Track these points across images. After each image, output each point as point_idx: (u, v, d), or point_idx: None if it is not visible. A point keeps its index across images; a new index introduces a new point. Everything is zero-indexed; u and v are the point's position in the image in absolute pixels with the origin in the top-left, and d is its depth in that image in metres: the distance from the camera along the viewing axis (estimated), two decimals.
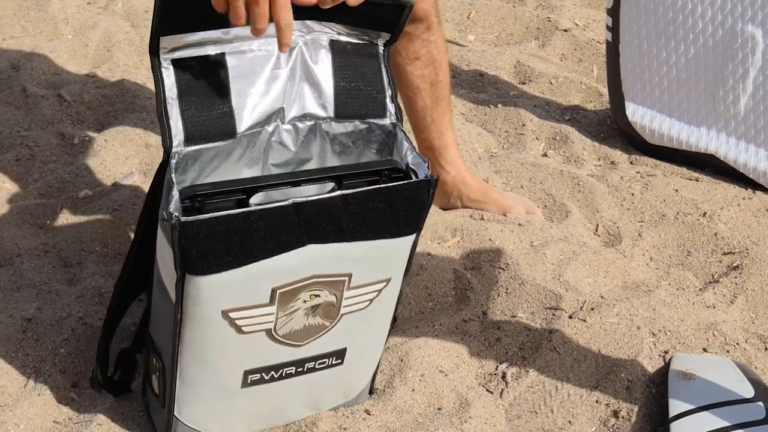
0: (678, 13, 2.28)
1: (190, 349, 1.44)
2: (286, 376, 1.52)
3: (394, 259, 1.47)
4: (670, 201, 2.24)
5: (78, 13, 2.85)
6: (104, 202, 2.14)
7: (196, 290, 1.36)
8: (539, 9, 2.99)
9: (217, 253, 1.33)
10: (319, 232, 1.37)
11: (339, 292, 1.45)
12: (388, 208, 1.39)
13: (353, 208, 1.37)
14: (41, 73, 2.59)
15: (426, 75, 2.00)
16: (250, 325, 1.42)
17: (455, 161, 2.11)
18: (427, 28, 1.96)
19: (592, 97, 2.61)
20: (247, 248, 1.34)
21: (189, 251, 1.32)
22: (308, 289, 1.42)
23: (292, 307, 1.43)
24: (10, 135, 2.36)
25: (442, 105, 2.05)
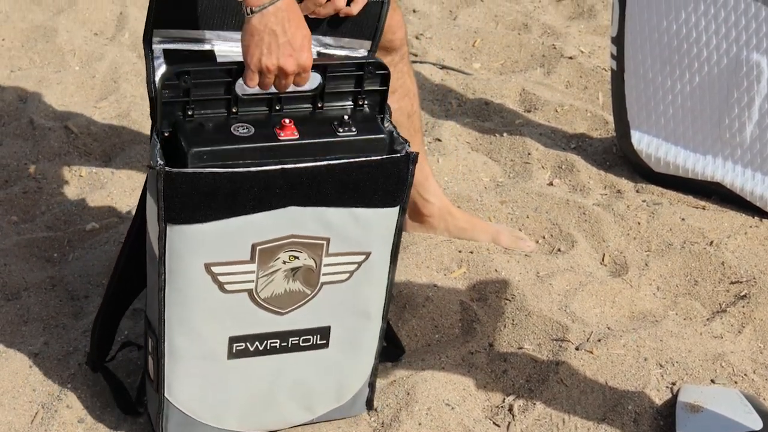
0: (683, 41, 2.29)
1: (176, 313, 1.50)
2: (270, 349, 1.56)
3: (374, 232, 1.53)
4: (676, 230, 2.24)
5: (85, 44, 2.87)
6: (111, 235, 2.15)
7: (178, 240, 1.44)
8: (544, 36, 3.00)
9: (200, 206, 1.42)
10: (302, 197, 1.46)
11: (318, 257, 1.51)
12: (368, 178, 1.48)
13: (336, 177, 1.46)
14: (48, 104, 2.60)
15: (403, 107, 2.00)
16: (232, 283, 1.49)
17: (437, 192, 2.11)
18: (401, 58, 1.96)
19: (597, 124, 2.61)
20: (230, 204, 1.43)
21: (172, 200, 1.41)
22: (287, 249, 1.49)
23: (272, 267, 1.50)
24: (17, 167, 2.37)
25: (418, 136, 2.05)
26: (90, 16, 3.01)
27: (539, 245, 2.19)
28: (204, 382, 1.58)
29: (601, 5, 3.17)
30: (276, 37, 1.40)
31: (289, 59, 1.42)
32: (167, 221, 1.43)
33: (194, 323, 1.52)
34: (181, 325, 1.52)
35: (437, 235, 2.14)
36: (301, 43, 1.42)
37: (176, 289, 1.49)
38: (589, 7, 3.18)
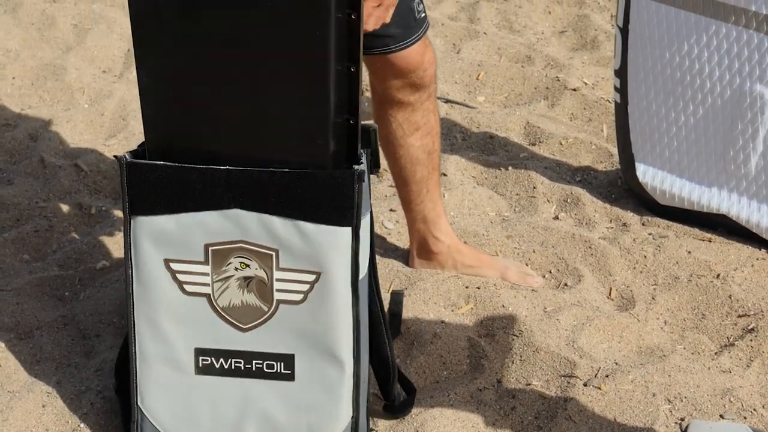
0: (686, 73, 2.31)
1: (143, 313, 1.63)
2: (236, 369, 1.64)
3: (325, 251, 1.57)
4: (683, 263, 2.25)
5: (94, 81, 2.90)
6: (121, 273, 2.17)
7: (140, 231, 1.59)
8: (548, 68, 3.03)
9: (156, 196, 1.58)
10: (245, 200, 1.56)
11: (269, 269, 1.59)
12: (311, 192, 1.55)
13: (278, 185, 1.55)
14: (58, 142, 2.63)
15: (425, 145, 2.02)
16: (190, 283, 1.61)
17: (448, 231, 2.13)
18: (428, 96, 1.99)
19: (602, 157, 2.63)
20: (180, 197, 1.58)
21: (133, 189, 1.58)
22: (237, 254, 1.59)
23: (225, 272, 1.60)
24: (29, 206, 2.40)
25: (435, 174, 2.08)
26: (98, 54, 3.05)
27: (546, 280, 2.20)
28: (174, 395, 1.66)
29: (604, 36, 3.20)
30: None
31: None
32: (131, 213, 1.60)
33: (160, 325, 1.64)
34: (148, 326, 1.64)
35: (446, 272, 2.15)
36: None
37: (142, 283, 1.63)
38: (591, 38, 3.21)
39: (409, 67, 1.92)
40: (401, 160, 2.04)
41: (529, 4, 3.44)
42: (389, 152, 2.05)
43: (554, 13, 3.39)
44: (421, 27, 1.91)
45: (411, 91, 1.95)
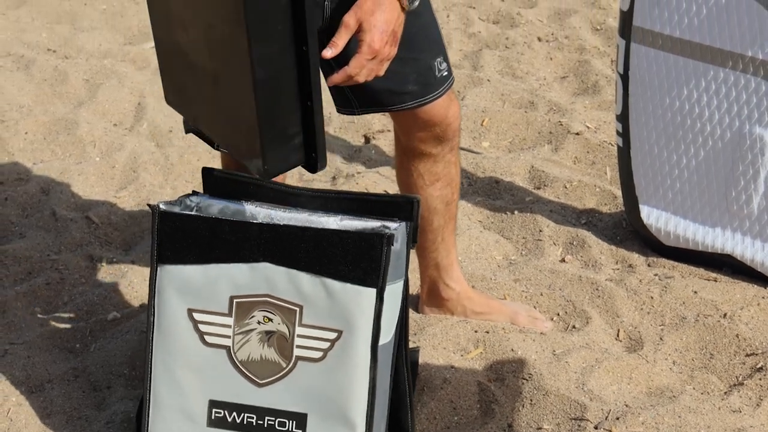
0: (686, 117, 2.34)
1: (161, 359, 1.65)
2: (247, 425, 1.63)
3: (348, 310, 1.58)
4: (689, 303, 2.26)
5: (105, 135, 2.95)
6: (132, 324, 2.19)
7: (166, 279, 1.61)
8: (551, 113, 3.06)
9: (185, 246, 1.61)
10: (275, 254, 1.58)
11: (291, 325, 1.59)
12: (340, 250, 1.57)
13: (309, 241, 1.58)
14: (70, 195, 2.67)
15: (444, 195, 2.04)
16: (211, 334, 1.62)
17: (459, 278, 2.15)
18: (451, 149, 2.01)
19: (606, 199, 2.66)
20: (210, 248, 1.60)
21: (163, 238, 1.61)
22: (262, 308, 1.60)
23: (247, 325, 1.60)
24: (40, 259, 2.43)
25: (452, 224, 2.10)
26: (109, 108, 3.10)
27: (554, 323, 2.22)
28: None
29: (605, 81, 3.24)
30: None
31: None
32: (158, 261, 1.62)
33: (177, 374, 1.65)
34: (165, 373, 1.65)
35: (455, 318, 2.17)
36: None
37: (162, 331, 1.64)
38: (593, 83, 3.25)
39: (432, 121, 1.93)
40: (424, 213, 2.04)
41: (531, 50, 3.49)
42: None
43: (555, 59, 3.44)
44: (443, 85, 1.91)
45: (434, 144, 1.97)
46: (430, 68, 1.88)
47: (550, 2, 3.87)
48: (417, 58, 1.86)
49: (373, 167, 2.83)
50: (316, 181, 2.77)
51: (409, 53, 1.84)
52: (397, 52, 1.83)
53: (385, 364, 1.64)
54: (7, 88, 3.21)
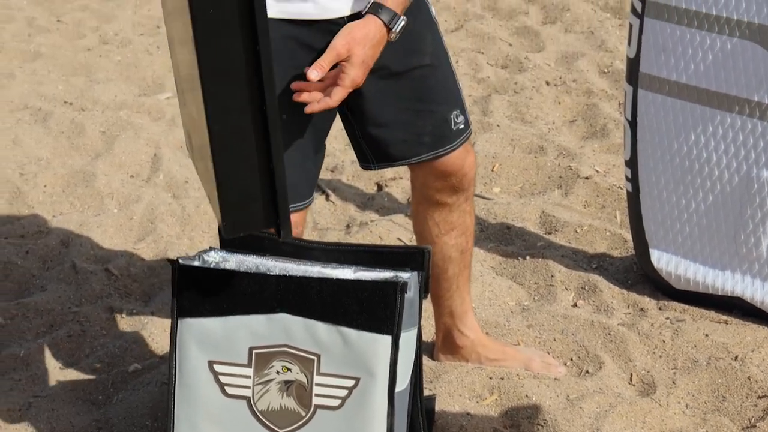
0: (694, 162, 2.38)
1: (183, 412, 1.68)
2: None
3: (365, 358, 1.62)
4: (701, 346, 2.29)
5: (122, 186, 3.01)
6: (153, 376, 2.23)
7: (186, 332, 1.65)
8: (560, 158, 3.11)
9: (205, 299, 1.64)
10: (292, 305, 1.62)
11: (309, 373, 1.63)
12: (355, 299, 1.61)
13: (325, 291, 1.61)
14: (89, 248, 2.72)
15: (459, 244, 2.08)
16: (232, 386, 1.65)
17: (473, 325, 2.19)
18: (466, 198, 2.05)
19: (617, 243, 2.69)
20: (229, 301, 1.64)
21: (183, 292, 1.64)
22: (281, 358, 1.63)
23: (267, 375, 1.64)
24: (62, 312, 2.48)
25: (467, 272, 2.14)
26: (126, 159, 3.16)
27: (568, 368, 2.25)
28: None
29: (613, 124, 3.29)
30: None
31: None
32: (179, 314, 1.65)
33: (199, 425, 1.68)
34: (187, 425, 1.68)
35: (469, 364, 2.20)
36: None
37: (184, 384, 1.67)
38: (601, 126, 3.30)
39: (447, 171, 1.96)
40: (434, 257, 2.07)
41: (539, 95, 3.54)
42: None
43: (564, 103, 3.49)
44: (459, 137, 1.94)
45: (449, 194, 2.01)
46: (446, 121, 1.91)
47: (558, 46, 3.93)
48: (433, 110, 1.89)
49: (387, 215, 2.88)
50: (330, 229, 2.82)
51: (425, 105, 1.88)
52: (413, 104, 1.87)
53: (401, 410, 1.67)
54: (26, 141, 3.28)
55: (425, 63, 1.87)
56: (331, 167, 3.11)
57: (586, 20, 4.12)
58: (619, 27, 4.04)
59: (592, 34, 4.01)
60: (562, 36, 4.03)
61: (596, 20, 4.12)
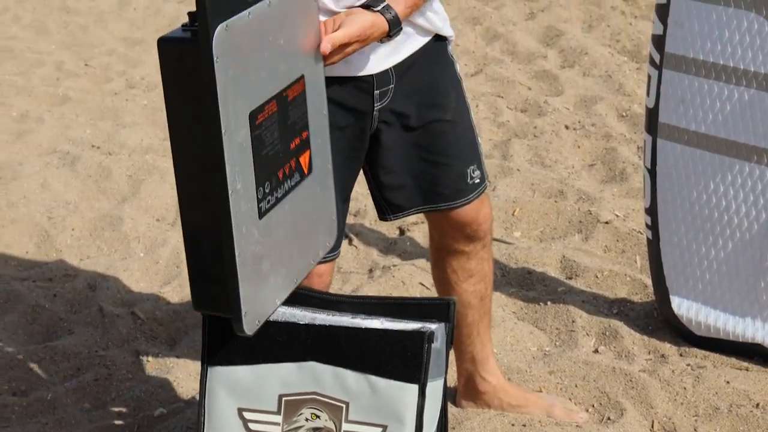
0: (714, 210, 2.40)
1: None
2: None
3: (393, 406, 1.63)
4: (722, 393, 2.30)
5: (148, 230, 3.06)
6: (178, 420, 2.26)
7: (216, 380, 1.66)
8: (580, 202, 3.14)
9: (235, 347, 1.65)
10: (321, 353, 1.64)
11: (338, 421, 1.64)
12: (384, 348, 1.63)
13: (354, 340, 1.63)
14: (116, 291, 2.77)
15: (477, 291, 2.11)
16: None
17: (495, 371, 2.20)
18: (483, 246, 2.08)
19: (637, 289, 2.71)
20: (259, 349, 1.65)
21: (213, 340, 1.65)
22: (310, 406, 1.65)
23: (296, 423, 1.65)
24: (89, 355, 2.51)
25: (487, 318, 2.17)
26: (152, 203, 3.21)
27: (589, 414, 2.27)
28: None
29: (632, 168, 3.32)
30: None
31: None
32: (209, 362, 1.67)
33: None
34: None
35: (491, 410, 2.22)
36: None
37: (213, 430, 1.68)
38: (620, 170, 3.33)
39: (463, 221, 2.01)
40: (458, 308, 2.08)
41: (559, 139, 3.58)
42: (443, 295, 2.13)
43: (583, 147, 3.53)
44: (474, 191, 1.99)
45: (466, 242, 2.05)
46: (462, 175, 1.97)
47: (576, 89, 3.98)
48: (450, 164, 1.95)
49: (409, 259, 2.91)
50: (353, 273, 2.85)
51: (442, 159, 1.94)
52: (430, 156, 1.92)
53: None
54: (54, 185, 3.34)
55: (446, 118, 1.92)
56: (354, 212, 3.15)
57: (604, 64, 4.17)
58: (636, 71, 4.08)
59: (610, 77, 4.05)
60: (581, 80, 4.08)
61: (614, 64, 4.17)
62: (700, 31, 2.28)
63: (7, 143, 3.70)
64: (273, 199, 1.58)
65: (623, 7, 4.77)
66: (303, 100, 1.65)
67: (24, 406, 2.32)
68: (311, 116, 1.67)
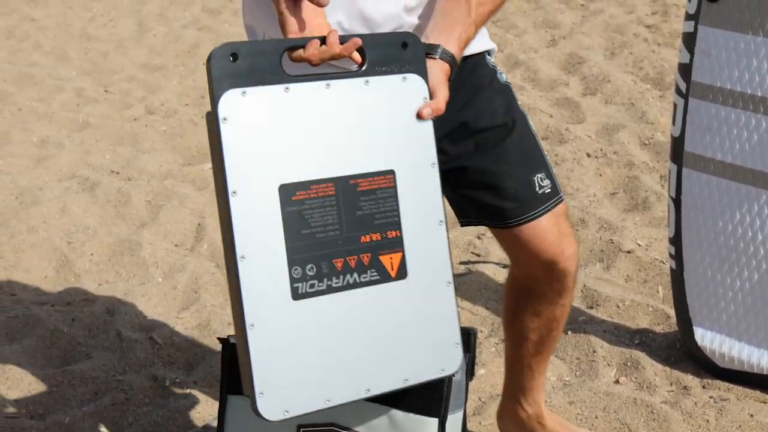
0: (739, 241, 2.38)
1: None
2: None
3: None
4: (745, 426, 2.26)
5: (167, 256, 3.05)
6: None
7: (235, 409, 1.65)
8: (601, 231, 3.12)
9: None
10: None
11: None
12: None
13: None
14: (134, 316, 2.76)
15: (538, 329, 1.99)
16: None
17: (536, 403, 2.12)
18: (559, 292, 1.91)
19: (659, 319, 2.68)
20: None
21: (232, 369, 1.60)
22: None
23: None
24: (106, 380, 2.50)
25: (543, 356, 2.04)
26: (171, 229, 3.21)
27: None
28: None
29: (655, 197, 3.29)
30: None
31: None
32: (228, 391, 1.66)
33: None
34: None
35: None
36: None
37: None
38: (642, 199, 3.30)
39: (539, 245, 1.83)
40: (509, 331, 2.02)
41: (581, 167, 3.56)
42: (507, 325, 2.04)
43: (605, 176, 3.51)
44: (546, 202, 1.82)
45: (543, 282, 1.89)
46: (529, 183, 1.81)
47: (598, 117, 3.96)
48: (510, 172, 1.80)
49: None
50: None
51: (501, 166, 1.80)
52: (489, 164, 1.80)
53: None
54: (74, 210, 3.34)
55: (497, 123, 1.81)
56: None
57: (627, 91, 4.15)
58: (659, 98, 4.07)
59: (632, 105, 4.03)
60: (603, 107, 4.06)
61: (636, 91, 4.15)
62: (727, 60, 2.27)
63: (28, 168, 3.72)
64: (322, 285, 1.47)
65: (646, 35, 4.76)
66: (390, 197, 1.51)
67: (42, 430, 2.31)
68: (409, 218, 1.52)
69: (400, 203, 1.51)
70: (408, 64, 1.53)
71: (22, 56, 5.09)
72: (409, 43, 1.53)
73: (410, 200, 1.52)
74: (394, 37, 1.54)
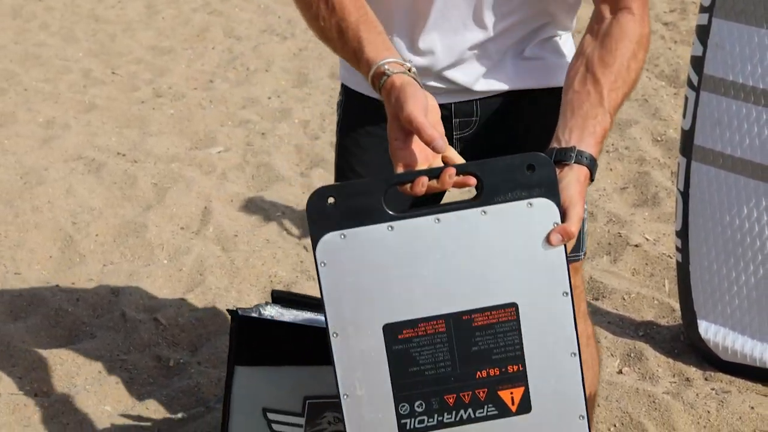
0: (745, 235, 2.38)
1: None
2: None
3: None
4: (746, 418, 2.27)
5: (172, 238, 3.05)
6: (198, 425, 2.25)
7: (242, 380, 1.70)
8: (610, 224, 3.12)
9: (262, 349, 1.68)
10: None
11: None
12: None
13: None
14: (139, 297, 2.76)
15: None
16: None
17: None
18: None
19: (664, 312, 2.68)
20: (286, 352, 1.69)
21: (241, 341, 1.68)
22: (333, 409, 1.67)
23: (318, 425, 1.67)
24: (110, 359, 2.51)
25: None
26: (177, 211, 3.21)
27: None
28: None
29: (665, 193, 3.29)
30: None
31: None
32: (236, 362, 1.72)
33: None
34: None
35: None
36: None
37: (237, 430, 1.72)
38: (652, 194, 3.30)
39: None
40: None
41: None
42: None
43: (615, 170, 3.51)
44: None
45: None
46: None
47: None
48: None
49: None
50: None
51: None
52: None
53: None
54: (79, 190, 3.34)
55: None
56: None
57: (641, 88, 4.15)
58: (674, 96, 4.06)
59: (646, 102, 4.03)
60: None
61: (651, 88, 4.15)
62: (740, 54, 2.27)
63: (33, 149, 3.72)
64: (432, 421, 1.38)
65: (663, 32, 4.76)
66: (511, 331, 1.38)
67: (45, 407, 2.32)
68: (534, 351, 1.38)
69: (524, 337, 1.38)
70: (535, 188, 1.32)
71: (28, 36, 5.09)
72: (537, 165, 1.32)
73: (536, 333, 1.37)
74: (519, 159, 1.33)
